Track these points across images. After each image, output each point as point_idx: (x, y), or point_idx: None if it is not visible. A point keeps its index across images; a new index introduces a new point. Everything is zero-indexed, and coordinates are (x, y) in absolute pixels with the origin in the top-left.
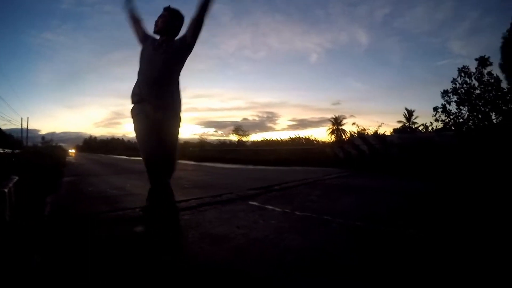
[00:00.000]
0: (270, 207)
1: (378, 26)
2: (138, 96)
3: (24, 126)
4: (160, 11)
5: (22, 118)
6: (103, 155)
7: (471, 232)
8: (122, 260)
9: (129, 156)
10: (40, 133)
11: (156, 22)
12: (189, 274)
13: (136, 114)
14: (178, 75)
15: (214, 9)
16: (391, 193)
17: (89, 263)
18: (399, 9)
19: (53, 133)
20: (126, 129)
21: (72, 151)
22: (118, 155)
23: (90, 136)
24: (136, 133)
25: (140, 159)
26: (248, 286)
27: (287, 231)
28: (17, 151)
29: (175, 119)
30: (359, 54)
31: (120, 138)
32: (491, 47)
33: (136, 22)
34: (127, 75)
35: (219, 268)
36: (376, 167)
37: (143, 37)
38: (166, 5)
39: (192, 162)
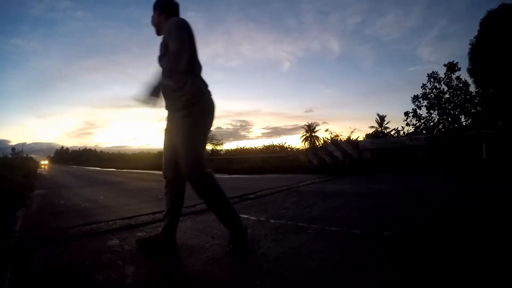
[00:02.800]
0: (245, 216)
1: (349, 34)
2: None
3: None
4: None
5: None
6: (75, 166)
7: (444, 231)
8: (95, 275)
9: (102, 168)
10: (10, 143)
11: None
12: (165, 287)
13: None
14: (173, 73)
15: (187, 17)
16: (364, 196)
17: (61, 280)
18: (370, 18)
19: (23, 144)
20: (99, 140)
21: (44, 162)
22: (91, 166)
23: (62, 147)
24: None
25: (112, 170)
26: None
27: (263, 239)
28: None
29: (178, 121)
30: (331, 61)
31: (93, 149)
32: (459, 53)
33: None
34: (100, 84)
35: (195, 279)
36: (350, 172)
37: None
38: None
39: None
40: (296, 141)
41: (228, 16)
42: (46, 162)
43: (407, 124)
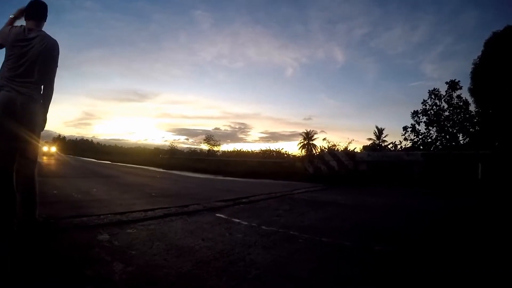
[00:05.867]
0: (237, 220)
1: (355, 45)
2: None
3: None
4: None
5: None
6: (72, 156)
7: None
8: (83, 269)
9: (97, 160)
10: None
11: None
12: (152, 287)
13: None
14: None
15: (195, 15)
16: (357, 208)
17: (48, 273)
18: (376, 30)
19: None
20: (96, 131)
21: (52, 149)
22: (87, 157)
23: (59, 135)
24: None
25: (108, 163)
26: None
27: (253, 245)
28: None
29: None
30: (334, 71)
31: (90, 139)
32: (462, 72)
33: None
34: (102, 76)
35: (182, 281)
36: (345, 183)
37: None
38: None
39: (161, 170)
40: (293, 148)
41: (236, 18)
42: (54, 148)
43: (405, 139)
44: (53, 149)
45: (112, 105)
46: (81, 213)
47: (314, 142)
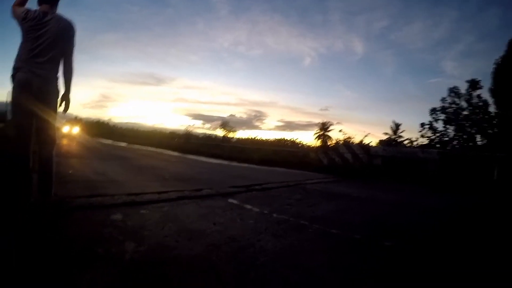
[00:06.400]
0: (248, 206)
1: (374, 38)
2: None
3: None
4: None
5: (8, 92)
6: (88, 137)
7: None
8: (94, 248)
9: (113, 141)
10: None
11: None
12: (162, 267)
13: None
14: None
15: (213, 1)
16: (370, 203)
17: (60, 250)
18: (397, 24)
19: None
20: (113, 113)
21: (74, 130)
22: (103, 139)
23: (76, 117)
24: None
25: (123, 145)
26: (219, 282)
27: (264, 232)
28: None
29: None
30: (352, 62)
31: (106, 122)
32: (483, 71)
33: None
34: (118, 59)
35: (192, 263)
36: (358, 176)
37: None
38: None
39: (176, 153)
40: (308, 138)
41: (254, 5)
42: (77, 129)
43: (422, 136)
44: (76, 129)
45: (129, 88)
46: (96, 193)
47: (329, 133)
